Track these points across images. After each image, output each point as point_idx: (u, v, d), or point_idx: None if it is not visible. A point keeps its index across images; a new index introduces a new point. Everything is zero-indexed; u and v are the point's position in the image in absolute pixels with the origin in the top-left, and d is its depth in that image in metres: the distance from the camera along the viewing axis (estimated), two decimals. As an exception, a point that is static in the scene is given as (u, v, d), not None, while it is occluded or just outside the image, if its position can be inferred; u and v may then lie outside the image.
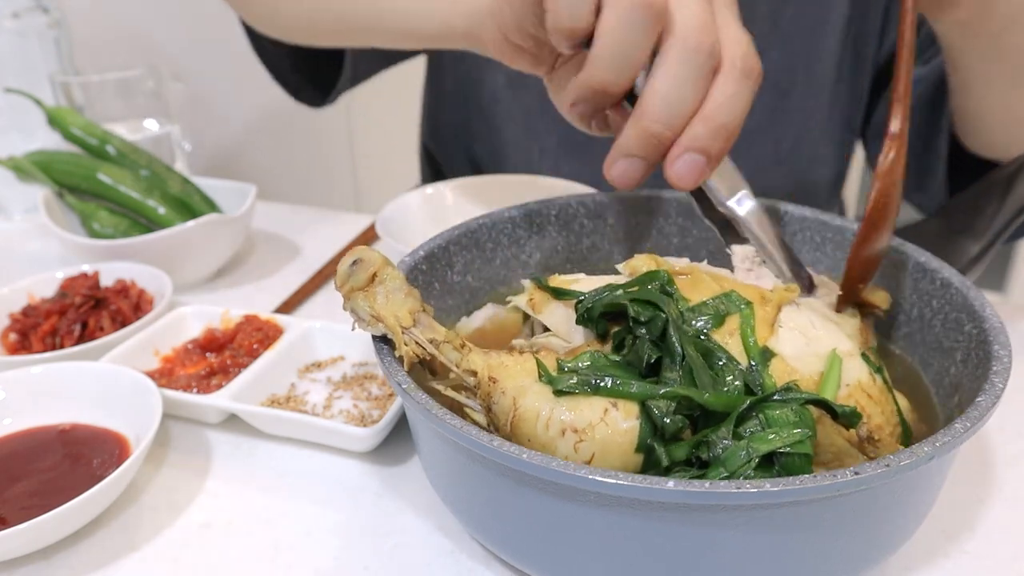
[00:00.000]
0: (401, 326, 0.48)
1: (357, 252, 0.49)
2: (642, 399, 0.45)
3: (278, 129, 1.98)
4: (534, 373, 0.47)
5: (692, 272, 0.52)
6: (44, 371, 0.64)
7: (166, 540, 0.55)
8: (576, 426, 0.45)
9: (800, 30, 0.93)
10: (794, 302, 0.53)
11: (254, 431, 0.65)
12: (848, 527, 0.42)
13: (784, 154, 0.98)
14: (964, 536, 0.55)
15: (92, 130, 0.95)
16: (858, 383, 0.50)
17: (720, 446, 0.42)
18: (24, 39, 1.09)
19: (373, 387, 0.68)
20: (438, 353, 0.48)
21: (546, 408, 0.45)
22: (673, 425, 0.44)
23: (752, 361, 0.48)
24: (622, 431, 0.44)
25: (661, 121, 0.47)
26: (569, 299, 0.53)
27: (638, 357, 0.47)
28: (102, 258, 0.83)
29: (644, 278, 0.51)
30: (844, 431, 0.45)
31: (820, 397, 0.45)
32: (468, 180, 0.92)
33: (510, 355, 0.49)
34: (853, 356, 0.51)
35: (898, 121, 0.53)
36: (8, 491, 0.56)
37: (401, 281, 0.49)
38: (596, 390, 0.45)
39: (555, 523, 0.43)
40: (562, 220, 0.69)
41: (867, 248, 0.55)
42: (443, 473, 0.50)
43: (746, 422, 0.44)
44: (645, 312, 0.48)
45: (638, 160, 0.49)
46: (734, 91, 0.47)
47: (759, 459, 0.42)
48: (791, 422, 0.43)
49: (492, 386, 0.47)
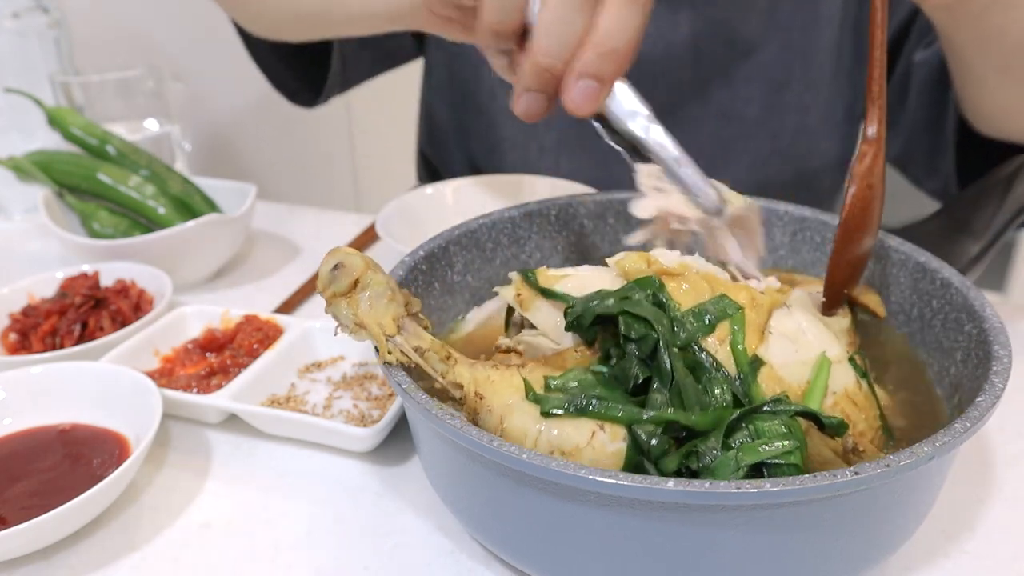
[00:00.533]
0: (385, 334, 0.47)
1: (339, 255, 0.48)
2: (628, 423, 0.45)
3: (278, 129, 1.98)
4: (521, 390, 0.46)
5: (684, 273, 0.52)
6: (44, 371, 0.64)
7: (166, 540, 0.55)
8: (564, 448, 0.45)
9: (797, 24, 0.93)
10: (785, 304, 0.52)
11: (254, 431, 0.65)
12: (848, 527, 0.42)
13: (783, 147, 0.98)
14: (964, 536, 0.55)
15: (92, 130, 0.95)
16: (844, 391, 0.50)
17: (709, 456, 0.42)
18: (24, 39, 1.09)
19: (373, 387, 0.68)
20: (423, 363, 0.48)
21: (533, 429, 0.45)
22: (659, 448, 0.44)
23: (741, 372, 0.48)
24: (609, 453, 0.45)
25: (550, 54, 0.48)
26: (558, 302, 0.53)
27: (626, 375, 0.47)
28: (102, 258, 0.83)
29: (635, 285, 0.50)
30: (831, 441, 0.45)
31: (809, 409, 0.45)
32: (468, 180, 0.92)
33: (496, 369, 0.48)
34: (841, 362, 0.50)
35: (874, 125, 0.52)
36: (8, 491, 0.56)
37: (385, 286, 0.48)
38: (582, 412, 0.45)
39: (555, 523, 0.43)
40: (562, 220, 0.69)
41: (847, 253, 0.55)
42: (443, 473, 0.50)
43: (735, 433, 0.44)
44: (637, 328, 0.47)
45: (537, 94, 0.50)
46: (620, 14, 0.48)
47: (749, 469, 0.42)
48: (780, 433, 0.43)
49: (479, 402, 0.47)
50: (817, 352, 0.50)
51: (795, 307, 0.53)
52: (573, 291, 0.53)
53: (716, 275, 0.53)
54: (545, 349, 0.52)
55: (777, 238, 0.68)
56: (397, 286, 0.49)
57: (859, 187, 0.53)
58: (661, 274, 0.51)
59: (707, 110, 0.95)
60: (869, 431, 0.50)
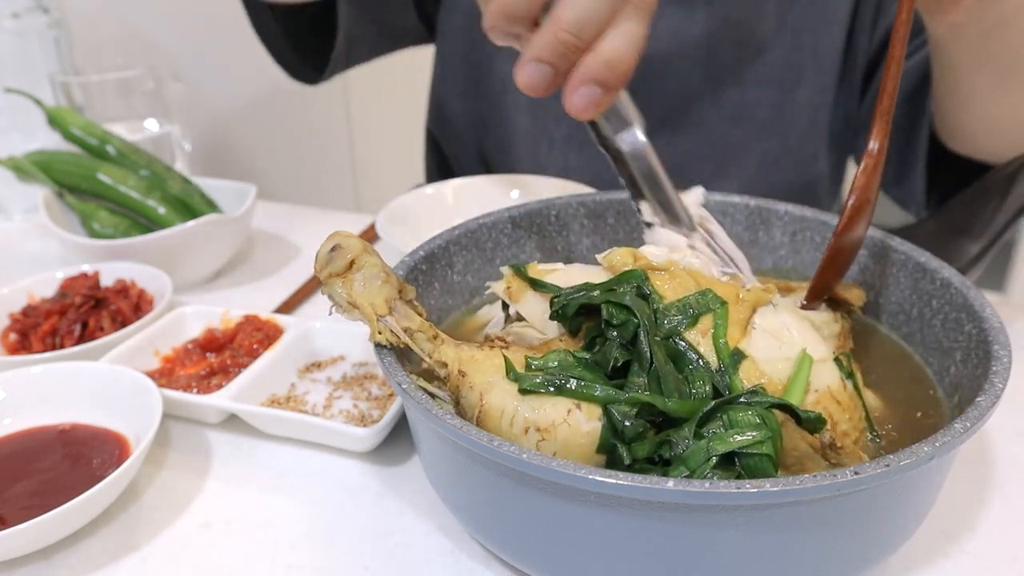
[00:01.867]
0: (376, 314, 0.49)
1: (336, 238, 0.49)
2: (605, 403, 0.45)
3: (278, 129, 1.98)
4: (502, 369, 0.47)
5: (670, 268, 0.52)
6: (44, 371, 0.64)
7: (166, 540, 0.55)
8: (539, 424, 0.45)
9: (808, 24, 0.93)
10: (771, 303, 0.53)
11: (254, 431, 0.65)
12: (848, 527, 0.42)
13: (791, 148, 0.98)
14: (964, 536, 0.55)
15: (92, 130, 0.95)
16: (827, 389, 0.50)
17: (681, 445, 0.43)
18: (24, 39, 1.09)
19: (373, 387, 0.68)
20: (411, 342, 0.49)
21: (511, 405, 0.46)
22: (633, 429, 0.44)
23: (722, 363, 0.48)
24: (584, 432, 0.45)
25: (572, 31, 0.49)
26: (545, 292, 0.53)
27: (606, 359, 0.47)
28: (102, 258, 0.83)
29: (621, 278, 0.51)
30: (808, 436, 0.45)
31: (785, 401, 0.45)
32: (468, 180, 0.92)
33: (480, 349, 0.49)
34: (825, 361, 0.51)
35: (879, 138, 0.53)
36: (8, 491, 0.56)
37: (379, 268, 0.49)
38: (560, 391, 0.46)
39: (555, 523, 0.43)
40: (562, 220, 0.69)
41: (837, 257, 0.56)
42: (443, 473, 0.50)
43: (710, 423, 0.44)
44: (619, 315, 0.48)
45: (546, 67, 0.50)
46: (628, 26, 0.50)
47: (720, 458, 0.42)
48: (753, 424, 0.43)
49: (461, 379, 0.48)
50: (800, 349, 0.50)
51: (781, 306, 0.53)
52: (561, 284, 0.54)
53: (702, 271, 0.53)
54: (532, 340, 0.53)
55: (777, 238, 0.68)
56: (391, 270, 0.50)
57: (859, 199, 0.54)
58: (647, 269, 0.52)
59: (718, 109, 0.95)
60: (853, 431, 0.50)
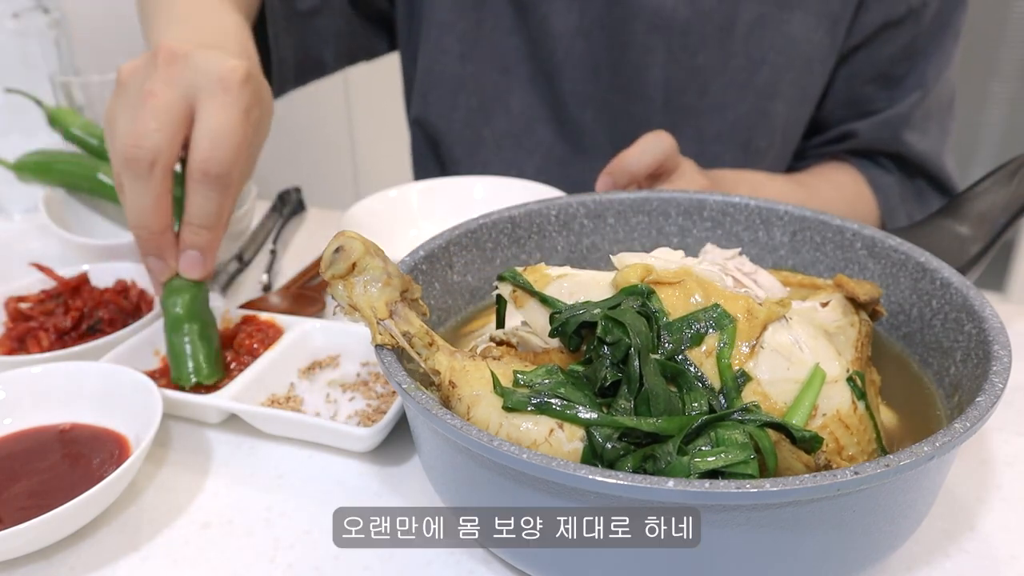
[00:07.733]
0: (377, 317, 0.49)
1: (340, 239, 0.49)
2: (587, 426, 0.45)
3: (278, 128, 1.98)
4: (490, 383, 0.47)
5: (682, 280, 0.51)
6: (44, 371, 0.64)
7: (166, 540, 0.55)
8: (522, 442, 0.45)
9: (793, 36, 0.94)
10: (784, 317, 0.50)
11: (254, 431, 0.65)
12: (848, 527, 0.42)
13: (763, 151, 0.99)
14: (964, 536, 0.55)
15: (92, 130, 0.95)
16: (836, 413, 0.48)
17: (664, 460, 0.42)
18: (24, 39, 1.09)
19: (373, 387, 0.68)
20: (408, 347, 0.49)
21: (495, 421, 0.46)
22: (614, 452, 0.44)
23: (725, 386, 0.47)
24: (565, 452, 0.45)
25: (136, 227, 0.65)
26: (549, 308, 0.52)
27: (596, 376, 0.47)
28: (102, 258, 0.83)
29: (623, 293, 0.50)
30: (804, 456, 0.45)
31: (778, 420, 0.45)
32: (433, 182, 0.91)
33: (472, 360, 0.49)
34: (837, 381, 0.49)
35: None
36: (8, 491, 0.56)
37: (380, 271, 0.49)
38: (542, 410, 0.45)
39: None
40: (562, 220, 0.69)
41: None
42: (443, 473, 0.50)
43: (697, 439, 0.43)
44: (613, 333, 0.47)
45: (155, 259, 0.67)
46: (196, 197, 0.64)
47: (702, 476, 0.41)
48: (738, 443, 0.43)
49: (451, 390, 0.48)
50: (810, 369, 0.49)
51: (796, 321, 0.51)
52: (568, 290, 0.53)
53: (716, 282, 0.52)
54: (535, 346, 0.53)
55: (777, 238, 0.68)
56: (396, 271, 0.50)
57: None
58: (655, 284, 0.50)
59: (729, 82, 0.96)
60: (861, 456, 0.49)
